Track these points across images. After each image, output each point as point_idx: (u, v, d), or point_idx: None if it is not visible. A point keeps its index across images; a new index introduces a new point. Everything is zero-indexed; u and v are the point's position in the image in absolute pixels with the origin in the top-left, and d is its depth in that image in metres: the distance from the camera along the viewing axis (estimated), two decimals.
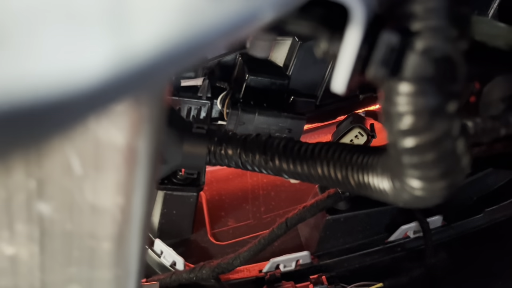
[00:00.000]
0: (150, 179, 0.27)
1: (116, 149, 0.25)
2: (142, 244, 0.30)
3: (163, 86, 0.24)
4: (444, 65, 0.25)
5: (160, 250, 0.78)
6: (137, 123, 0.24)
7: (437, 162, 0.28)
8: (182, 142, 0.48)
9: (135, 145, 0.25)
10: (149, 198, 0.28)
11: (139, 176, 0.26)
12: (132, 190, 0.26)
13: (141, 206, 0.28)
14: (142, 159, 0.26)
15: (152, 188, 0.28)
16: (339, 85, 0.25)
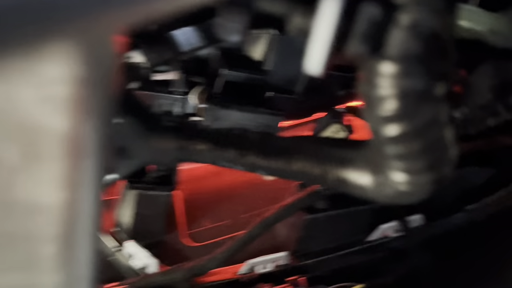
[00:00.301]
0: (98, 172, 0.24)
1: (57, 137, 0.21)
2: (93, 245, 0.27)
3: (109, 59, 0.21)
4: (431, 42, 0.23)
5: (132, 253, 0.75)
6: (81, 106, 0.21)
7: (423, 152, 0.25)
8: (149, 136, 0.44)
9: (80, 132, 0.21)
10: (98, 191, 0.25)
11: (85, 167, 0.23)
12: (78, 183, 0.23)
13: (89, 202, 0.24)
14: (89, 148, 0.22)
15: (100, 180, 0.25)
16: (315, 65, 0.22)
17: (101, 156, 0.23)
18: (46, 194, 0.23)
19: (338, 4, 0.21)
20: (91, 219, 0.25)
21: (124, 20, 0.19)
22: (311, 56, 0.22)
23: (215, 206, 0.83)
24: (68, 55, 0.19)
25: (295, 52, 0.75)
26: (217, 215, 0.82)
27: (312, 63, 0.22)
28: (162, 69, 0.74)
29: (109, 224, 0.79)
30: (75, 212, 0.24)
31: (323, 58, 0.22)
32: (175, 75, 0.74)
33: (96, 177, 0.24)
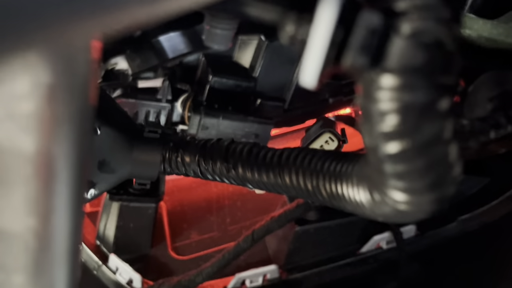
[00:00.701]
0: (74, 194, 0.21)
1: (23, 158, 0.19)
2: (70, 274, 0.24)
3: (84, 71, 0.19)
4: (435, 52, 0.21)
5: (115, 267, 0.72)
6: (51, 123, 0.19)
7: (425, 171, 0.24)
8: (131, 149, 0.42)
9: (49, 152, 0.19)
10: (75, 217, 0.23)
11: (57, 191, 0.21)
12: (49, 209, 0.21)
13: (63, 229, 0.22)
14: (61, 170, 0.20)
15: (79, 204, 0.23)
16: (309, 78, 0.21)
17: (78, 177, 0.21)
18: (14, 221, 0.21)
19: (335, 13, 0.19)
20: (69, 246, 0.23)
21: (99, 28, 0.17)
22: (306, 68, 0.20)
23: (203, 218, 0.81)
24: (35, 67, 0.17)
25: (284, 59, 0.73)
26: (204, 227, 0.79)
27: (306, 75, 0.20)
28: (147, 76, 0.72)
29: (93, 237, 0.76)
30: (47, 240, 0.21)
31: (318, 70, 0.20)
32: (160, 82, 0.72)
33: (73, 200, 0.22)
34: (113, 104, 0.45)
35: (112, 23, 0.17)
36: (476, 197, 0.73)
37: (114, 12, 0.16)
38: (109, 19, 0.16)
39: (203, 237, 0.78)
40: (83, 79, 0.19)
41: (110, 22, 0.16)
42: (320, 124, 0.64)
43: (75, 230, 0.23)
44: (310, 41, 0.20)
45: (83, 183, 0.22)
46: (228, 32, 0.28)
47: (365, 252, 0.72)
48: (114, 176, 0.43)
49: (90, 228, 0.78)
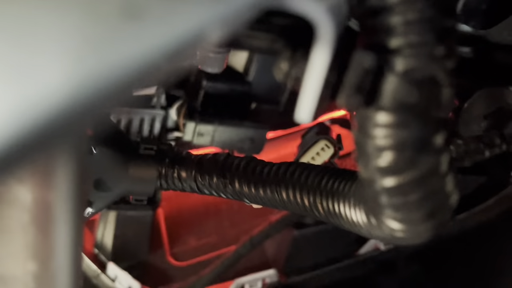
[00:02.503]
0: (72, 238, 0.21)
1: (21, 207, 0.19)
2: None
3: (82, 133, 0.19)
4: (429, 89, 0.21)
5: (114, 275, 0.72)
6: (47, 174, 0.19)
7: (421, 203, 0.24)
8: (127, 166, 0.42)
9: (46, 201, 0.19)
10: (74, 256, 0.23)
11: (56, 236, 0.21)
12: (48, 253, 0.21)
13: (63, 271, 0.22)
14: (58, 216, 0.20)
15: (77, 247, 0.23)
16: (305, 115, 0.21)
17: (75, 222, 0.21)
18: (14, 266, 0.21)
19: (330, 53, 0.19)
20: (67, 285, 0.23)
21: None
22: (301, 106, 0.20)
23: (200, 223, 0.81)
24: None
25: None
26: (202, 232, 0.79)
27: (302, 112, 0.20)
28: None
29: (91, 246, 0.76)
30: (46, 283, 0.22)
31: (313, 107, 0.20)
32: (154, 89, 0.72)
33: (71, 244, 0.22)
34: (108, 122, 0.44)
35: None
36: (472, 196, 0.74)
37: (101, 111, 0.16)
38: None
39: (201, 242, 0.78)
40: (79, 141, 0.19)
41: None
42: (315, 130, 0.64)
43: (75, 268, 0.23)
44: (305, 81, 0.20)
45: (80, 224, 0.22)
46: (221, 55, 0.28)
47: (364, 253, 0.72)
48: (111, 194, 0.42)
49: (88, 236, 0.78)
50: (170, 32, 0.14)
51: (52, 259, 0.21)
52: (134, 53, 0.14)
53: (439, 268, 0.71)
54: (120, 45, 0.13)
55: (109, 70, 0.13)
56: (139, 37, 0.14)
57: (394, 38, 0.20)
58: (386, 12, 0.20)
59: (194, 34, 0.15)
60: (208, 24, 0.15)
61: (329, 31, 0.19)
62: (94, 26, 0.13)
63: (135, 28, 0.14)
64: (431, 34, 0.20)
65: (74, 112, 0.13)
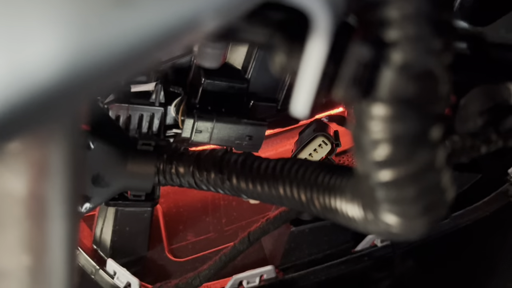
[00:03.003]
0: (67, 232, 0.21)
1: (15, 200, 0.19)
2: None
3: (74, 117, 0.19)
4: (426, 83, 0.21)
5: (113, 271, 0.72)
6: (41, 165, 0.19)
7: (417, 197, 0.24)
8: (125, 162, 0.42)
9: (41, 194, 0.19)
10: (69, 250, 0.23)
11: (50, 229, 0.21)
12: (43, 247, 0.21)
13: (58, 264, 0.22)
14: (53, 210, 0.20)
15: (72, 241, 0.23)
16: (300, 108, 0.21)
17: (70, 214, 0.21)
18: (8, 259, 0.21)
19: (326, 45, 0.19)
20: (62, 280, 0.23)
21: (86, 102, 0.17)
22: (297, 98, 0.20)
23: (199, 219, 0.81)
24: None
25: None
26: (200, 228, 0.79)
27: (298, 105, 0.20)
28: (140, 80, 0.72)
29: (90, 242, 0.76)
30: (42, 276, 0.22)
31: (310, 100, 0.20)
32: (153, 86, 0.72)
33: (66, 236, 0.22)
34: (106, 118, 0.45)
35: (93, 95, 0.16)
36: (468, 193, 0.74)
37: (95, 87, 0.16)
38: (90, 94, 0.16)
39: (200, 238, 0.79)
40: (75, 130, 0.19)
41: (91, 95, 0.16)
42: (312, 127, 0.64)
43: (70, 262, 0.23)
44: (301, 73, 0.20)
45: (75, 218, 0.22)
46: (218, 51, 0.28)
47: (360, 250, 0.72)
48: (109, 189, 0.43)
49: (86, 233, 0.78)
50: (162, 15, 0.14)
51: (47, 253, 0.21)
52: (126, 32, 0.14)
53: (435, 264, 0.71)
54: (112, 22, 0.13)
55: (103, 45, 0.13)
56: (132, 17, 0.14)
57: (391, 31, 0.20)
58: (383, 5, 0.20)
59: (188, 20, 0.15)
60: (202, 11, 0.15)
61: (325, 21, 0.19)
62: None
63: (127, 10, 0.14)
64: (428, 27, 0.20)
65: (67, 85, 0.13)
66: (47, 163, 0.19)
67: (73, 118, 0.18)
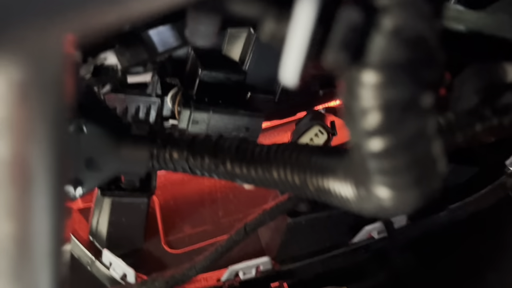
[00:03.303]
0: (54, 197, 0.21)
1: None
2: (54, 277, 0.24)
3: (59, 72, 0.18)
4: (417, 48, 0.21)
5: (109, 262, 0.72)
6: (25, 126, 0.18)
7: (409, 167, 0.23)
8: (119, 145, 0.42)
9: (24, 156, 0.19)
10: (56, 220, 0.22)
11: (35, 195, 0.20)
12: (28, 213, 0.21)
13: (44, 232, 0.22)
14: (38, 173, 0.20)
15: (60, 208, 0.22)
16: (289, 76, 0.20)
17: (56, 180, 0.21)
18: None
19: (314, 9, 0.19)
20: (48, 250, 0.22)
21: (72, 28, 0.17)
22: (286, 65, 0.20)
23: (195, 211, 0.81)
24: (4, 68, 0.17)
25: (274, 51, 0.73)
26: (197, 220, 0.79)
27: (287, 72, 0.20)
28: (136, 70, 0.71)
29: (86, 233, 0.76)
30: (27, 245, 0.21)
31: (298, 67, 0.20)
32: (150, 77, 0.72)
33: (53, 204, 0.21)
34: (100, 102, 0.44)
35: (84, 22, 0.16)
36: (465, 185, 0.74)
37: (86, 11, 0.16)
38: (81, 18, 0.16)
39: (196, 231, 0.78)
40: (57, 79, 0.18)
41: (82, 21, 0.16)
42: (309, 117, 0.64)
43: (57, 232, 0.23)
44: (290, 38, 0.20)
45: (63, 185, 0.22)
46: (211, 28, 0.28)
47: (357, 242, 0.72)
48: (102, 173, 0.42)
49: (82, 224, 0.77)
50: None
51: (32, 221, 0.21)
52: None
53: (432, 257, 0.71)
54: None
55: None
56: None
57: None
58: None
59: None
60: None
61: None
62: None
63: None
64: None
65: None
66: (34, 125, 0.19)
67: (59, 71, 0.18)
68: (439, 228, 0.73)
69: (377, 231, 0.72)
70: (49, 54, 0.18)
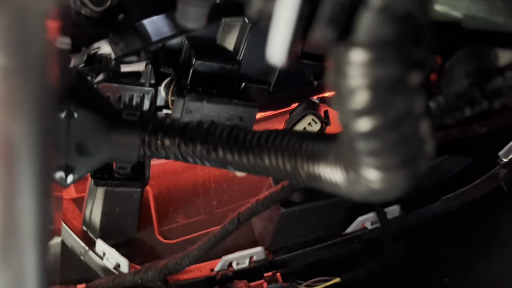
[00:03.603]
0: (38, 176, 0.21)
1: None
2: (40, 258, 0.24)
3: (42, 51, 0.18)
4: (406, 26, 0.21)
5: (102, 252, 0.72)
6: (7, 104, 0.18)
7: (396, 147, 0.23)
8: (110, 132, 0.42)
9: (8, 133, 0.19)
10: (42, 200, 0.22)
11: (20, 173, 0.20)
12: (12, 191, 0.20)
13: (29, 211, 0.22)
14: (22, 151, 0.20)
15: (45, 187, 0.22)
16: (277, 54, 0.20)
17: (40, 159, 0.21)
18: None
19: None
20: (34, 230, 0.22)
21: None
22: (273, 43, 0.20)
23: (189, 201, 0.81)
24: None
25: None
26: (191, 211, 0.79)
27: (274, 51, 0.20)
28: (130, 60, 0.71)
29: (79, 223, 0.76)
30: (13, 224, 0.21)
31: (286, 45, 0.20)
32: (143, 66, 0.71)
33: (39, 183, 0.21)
34: (90, 87, 0.44)
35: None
36: (458, 176, 0.74)
37: None
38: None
39: (190, 221, 0.78)
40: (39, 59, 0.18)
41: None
42: (303, 106, 0.63)
43: (43, 212, 0.23)
44: (277, 14, 0.19)
45: (48, 164, 0.22)
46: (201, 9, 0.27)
47: (350, 232, 0.72)
48: (93, 159, 0.42)
49: (76, 214, 0.77)
50: None
51: (16, 199, 0.21)
52: None
53: (425, 247, 0.71)
54: None
55: None
56: None
57: None
58: None
59: None
60: None
61: None
62: None
63: None
64: None
65: None
66: (16, 103, 0.18)
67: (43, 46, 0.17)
68: (432, 219, 0.73)
69: (370, 222, 0.72)
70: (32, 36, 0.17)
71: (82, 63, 0.72)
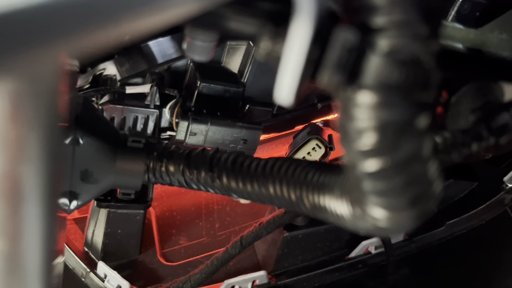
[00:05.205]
0: (45, 214, 0.21)
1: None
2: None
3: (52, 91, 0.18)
4: (413, 70, 0.21)
5: (104, 274, 0.71)
6: (17, 143, 0.18)
7: (404, 188, 0.23)
8: (115, 158, 0.42)
9: (16, 173, 0.19)
10: (47, 237, 0.22)
11: (26, 212, 0.20)
12: (19, 231, 0.20)
13: (34, 249, 0.21)
14: (29, 191, 0.20)
15: (52, 223, 0.22)
16: (285, 94, 0.20)
17: (47, 198, 0.21)
18: None
19: (310, 29, 0.19)
20: (39, 267, 0.22)
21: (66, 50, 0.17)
22: (281, 85, 0.20)
23: (192, 223, 0.80)
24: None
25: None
26: (193, 233, 0.79)
27: (282, 92, 0.20)
28: (135, 81, 0.72)
29: (81, 244, 0.75)
30: (17, 263, 0.21)
31: (294, 87, 0.20)
32: (148, 88, 0.72)
33: (45, 222, 0.21)
34: (96, 113, 0.44)
35: (77, 44, 0.16)
36: (463, 201, 0.73)
37: (78, 34, 0.16)
38: (73, 40, 0.16)
39: (192, 243, 0.78)
40: (51, 95, 0.18)
41: (74, 43, 0.16)
42: (307, 130, 0.63)
43: (48, 249, 0.22)
44: (285, 58, 0.19)
45: (54, 202, 0.22)
46: (208, 43, 0.28)
47: (354, 257, 0.72)
48: (97, 186, 0.42)
49: (78, 235, 0.77)
50: None
51: (22, 238, 0.21)
52: None
53: (429, 272, 0.70)
54: None
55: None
56: None
57: (378, 17, 0.20)
58: None
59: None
60: None
61: (308, 5, 0.18)
62: None
63: None
64: (416, 13, 0.20)
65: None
66: (24, 143, 0.18)
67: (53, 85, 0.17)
68: (436, 244, 0.72)
69: (374, 246, 0.71)
70: (43, 72, 0.18)
71: (87, 84, 0.72)
